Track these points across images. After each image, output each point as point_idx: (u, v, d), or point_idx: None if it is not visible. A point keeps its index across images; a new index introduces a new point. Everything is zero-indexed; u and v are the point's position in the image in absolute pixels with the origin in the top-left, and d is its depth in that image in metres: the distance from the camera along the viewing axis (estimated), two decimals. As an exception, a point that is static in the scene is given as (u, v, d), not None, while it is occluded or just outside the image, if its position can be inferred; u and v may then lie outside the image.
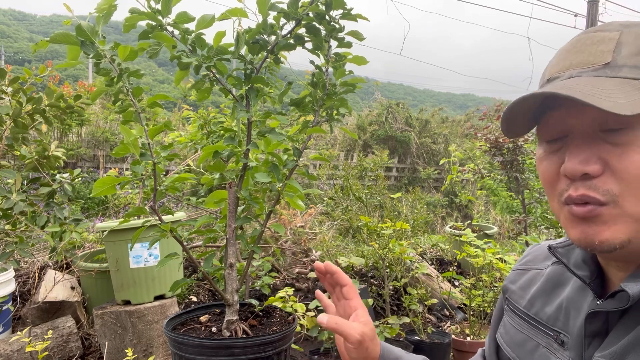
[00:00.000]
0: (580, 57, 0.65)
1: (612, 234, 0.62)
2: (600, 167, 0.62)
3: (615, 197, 0.61)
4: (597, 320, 0.68)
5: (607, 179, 0.61)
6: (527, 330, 0.82)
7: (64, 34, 0.84)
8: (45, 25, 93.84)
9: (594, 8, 5.01)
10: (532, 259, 0.91)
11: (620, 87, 0.60)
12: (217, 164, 1.06)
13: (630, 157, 0.60)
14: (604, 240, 0.62)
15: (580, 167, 0.62)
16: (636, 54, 0.62)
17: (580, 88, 0.60)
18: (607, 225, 0.62)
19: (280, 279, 4.08)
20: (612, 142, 0.62)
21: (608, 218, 0.62)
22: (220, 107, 3.87)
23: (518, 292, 0.88)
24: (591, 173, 0.62)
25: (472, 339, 3.43)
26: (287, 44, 0.98)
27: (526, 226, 5.32)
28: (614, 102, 0.57)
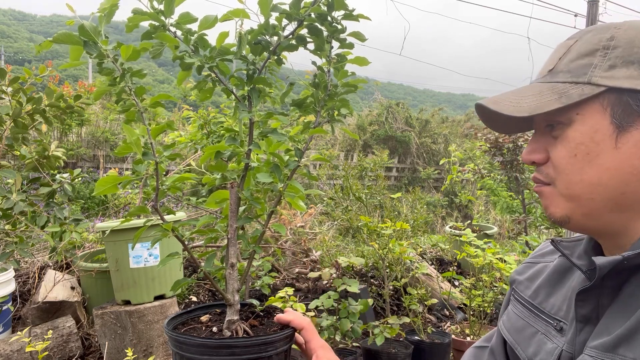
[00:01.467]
0: (545, 65, 0.76)
1: (554, 209, 0.74)
2: (544, 157, 0.74)
3: (553, 179, 0.73)
4: (586, 305, 0.70)
5: (549, 166, 0.73)
6: (528, 317, 0.85)
7: (66, 34, 0.84)
8: (45, 25, 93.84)
9: (594, 8, 5.02)
10: (542, 253, 0.95)
11: (541, 91, 0.70)
12: (218, 164, 1.06)
13: (557, 148, 0.71)
14: (550, 214, 0.75)
15: (527, 156, 0.76)
16: (574, 59, 0.70)
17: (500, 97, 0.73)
18: (550, 200, 0.74)
19: (280, 279, 4.08)
20: (553, 136, 0.73)
21: (548, 196, 0.74)
22: (220, 107, 3.87)
23: (524, 283, 0.91)
24: (535, 161, 0.75)
25: (472, 339, 3.43)
26: (289, 44, 0.98)
27: (526, 226, 5.32)
28: (517, 107, 0.69)
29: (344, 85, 1.11)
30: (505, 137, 5.12)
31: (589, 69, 0.67)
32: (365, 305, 3.04)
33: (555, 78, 0.71)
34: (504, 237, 7.38)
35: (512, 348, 0.86)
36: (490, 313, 3.55)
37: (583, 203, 0.69)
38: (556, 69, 0.72)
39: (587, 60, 0.68)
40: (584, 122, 0.68)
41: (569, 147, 0.69)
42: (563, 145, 0.70)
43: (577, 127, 0.68)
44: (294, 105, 1.12)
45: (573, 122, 0.69)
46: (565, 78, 0.69)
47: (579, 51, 0.70)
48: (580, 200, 0.69)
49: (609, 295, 0.68)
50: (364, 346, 3.21)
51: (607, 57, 0.66)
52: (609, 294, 0.68)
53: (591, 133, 0.67)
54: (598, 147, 0.67)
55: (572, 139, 0.69)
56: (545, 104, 0.67)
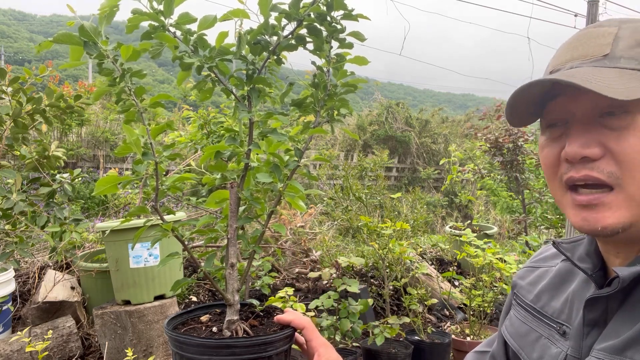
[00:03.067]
0: (580, 51, 0.68)
1: (615, 219, 0.64)
2: (599, 151, 0.64)
3: (620, 179, 0.63)
4: (596, 309, 0.69)
5: (608, 162, 0.64)
6: (531, 322, 0.85)
7: (66, 35, 0.84)
8: (45, 25, 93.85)
9: (594, 8, 5.02)
10: (543, 257, 0.94)
11: (618, 75, 0.63)
12: (218, 164, 1.06)
13: (627, 140, 0.63)
14: (606, 226, 0.64)
15: (580, 150, 0.65)
16: (633, 47, 0.65)
17: (580, 75, 0.63)
18: (612, 210, 0.64)
19: (280, 279, 4.08)
20: (610, 127, 0.64)
21: (612, 204, 0.64)
22: (220, 107, 3.87)
23: (526, 287, 0.90)
24: (590, 156, 0.65)
25: (472, 339, 3.43)
26: (288, 44, 0.98)
27: (526, 226, 5.32)
28: (612, 89, 0.60)
29: (344, 85, 1.11)
30: (505, 137, 5.11)
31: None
32: (365, 305, 3.04)
33: (617, 63, 0.65)
34: (504, 237, 7.38)
35: (515, 353, 0.86)
36: (490, 313, 3.55)
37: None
38: (614, 54, 0.65)
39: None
40: None
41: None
42: (637, 136, 0.62)
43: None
44: (293, 105, 1.12)
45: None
46: (632, 65, 0.64)
47: (634, 38, 0.65)
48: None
49: (618, 299, 0.68)
50: (364, 346, 3.21)
51: None
52: (618, 298, 0.68)
53: None
54: None
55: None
56: (635, 90, 0.61)
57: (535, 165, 5.31)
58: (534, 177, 5.44)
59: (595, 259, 0.75)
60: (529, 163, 5.28)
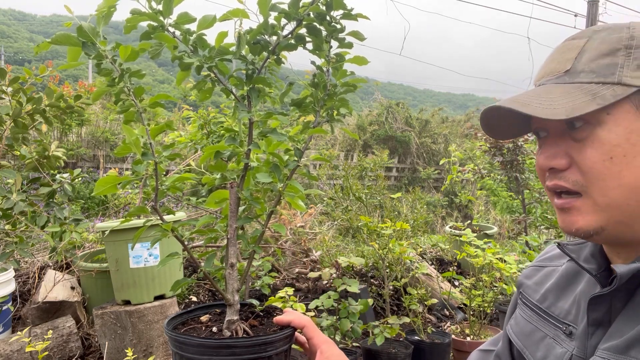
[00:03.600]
0: (551, 66, 0.72)
1: (585, 222, 0.68)
2: (566, 162, 0.69)
3: (584, 187, 0.67)
4: (599, 309, 0.70)
5: (574, 171, 0.68)
6: (537, 321, 0.85)
7: (65, 35, 0.84)
8: (45, 25, 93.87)
9: (594, 8, 5.02)
10: (549, 257, 0.94)
11: (569, 92, 0.66)
12: (218, 164, 1.06)
13: (586, 152, 0.66)
14: (578, 228, 0.69)
15: (547, 161, 0.70)
16: (594, 59, 0.67)
17: (524, 99, 0.67)
18: (581, 215, 0.68)
19: (280, 279, 4.08)
20: (575, 138, 0.68)
21: (580, 209, 0.68)
22: (220, 107, 3.87)
23: (532, 287, 0.91)
24: (556, 167, 0.69)
25: (472, 339, 3.43)
26: (288, 44, 0.98)
27: (526, 226, 5.32)
28: (552, 109, 0.64)
29: (343, 85, 1.11)
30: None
31: (616, 69, 0.65)
32: (365, 305, 3.04)
33: (576, 78, 0.67)
34: (504, 237, 7.38)
35: (520, 352, 0.86)
36: (490, 313, 3.55)
37: (620, 210, 0.66)
38: (575, 68, 0.68)
39: (610, 60, 0.66)
40: (617, 122, 0.65)
41: (602, 149, 0.65)
42: (595, 147, 0.65)
43: (611, 128, 0.65)
44: (293, 105, 1.12)
45: (604, 122, 0.65)
46: (590, 78, 0.66)
47: (598, 50, 0.67)
48: (617, 207, 0.66)
49: (622, 299, 0.68)
50: (364, 346, 3.21)
51: (632, 57, 0.65)
52: (622, 297, 0.68)
53: (626, 134, 0.64)
54: (634, 148, 0.64)
55: (607, 141, 0.65)
56: (581, 106, 0.63)
57: (535, 165, 5.31)
58: (534, 177, 5.44)
59: (600, 259, 0.76)
60: (529, 163, 5.27)
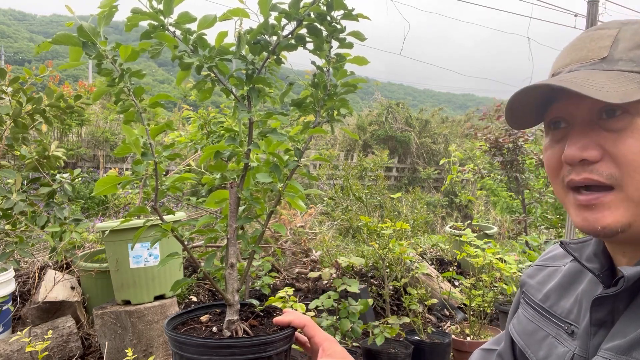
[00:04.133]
0: (580, 54, 0.70)
1: (614, 219, 0.65)
2: (598, 153, 0.65)
3: (619, 180, 0.64)
4: (602, 309, 0.69)
5: (608, 164, 0.65)
6: (539, 321, 0.85)
7: (65, 35, 0.84)
8: (45, 25, 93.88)
9: (594, 8, 5.01)
10: (552, 256, 0.94)
11: (614, 78, 0.63)
12: (218, 164, 1.06)
13: (625, 142, 0.63)
14: (605, 226, 0.65)
15: (578, 153, 0.66)
16: (632, 49, 0.66)
17: (574, 80, 0.64)
18: (610, 210, 0.65)
19: (280, 279, 4.08)
20: (608, 129, 0.65)
21: (612, 204, 0.65)
22: (220, 107, 3.87)
23: (535, 286, 0.90)
24: (589, 158, 0.65)
25: (472, 339, 3.43)
26: (288, 44, 0.98)
27: (526, 226, 5.32)
28: (605, 92, 0.60)
29: (344, 85, 1.11)
30: (505, 137, 5.11)
31: None
32: (365, 305, 3.04)
33: (615, 66, 0.66)
34: (504, 237, 7.38)
35: (522, 351, 0.86)
36: (490, 313, 3.55)
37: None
38: (612, 56, 0.66)
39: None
40: None
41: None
42: (636, 138, 0.63)
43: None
44: (293, 105, 1.12)
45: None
46: (630, 67, 0.65)
47: (634, 41, 0.66)
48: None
49: (624, 299, 0.68)
50: (364, 346, 3.21)
51: None
52: (625, 298, 0.68)
53: None
54: None
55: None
56: (631, 92, 0.61)
57: (535, 165, 5.32)
58: (534, 177, 5.44)
59: (602, 259, 0.75)
60: (529, 163, 5.27)
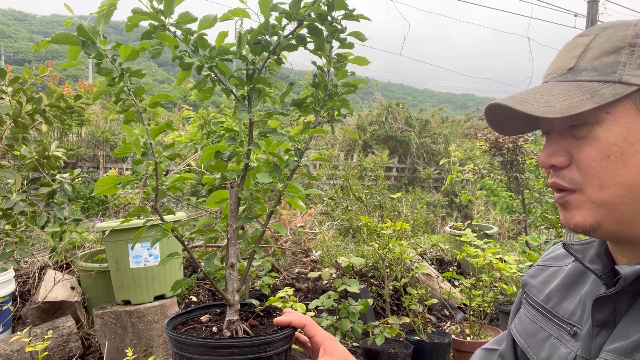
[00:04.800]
0: (557, 63, 0.73)
1: (581, 218, 0.69)
2: (565, 159, 0.70)
3: (580, 185, 0.68)
4: (604, 309, 0.69)
5: (572, 169, 0.69)
6: (541, 321, 0.84)
7: (64, 34, 0.84)
8: (45, 25, 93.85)
9: (594, 8, 5.01)
10: (554, 256, 0.93)
11: (569, 90, 0.66)
12: (218, 164, 1.06)
13: (584, 150, 0.67)
14: (576, 223, 0.70)
15: (546, 159, 0.71)
16: (597, 57, 0.67)
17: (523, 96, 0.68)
18: (577, 210, 0.69)
19: (280, 279, 4.08)
20: (576, 136, 0.69)
21: (576, 204, 0.69)
22: (221, 107, 3.87)
23: (537, 287, 0.90)
24: (556, 164, 0.70)
25: (472, 339, 3.43)
26: (289, 44, 0.98)
27: (526, 226, 5.32)
28: (548, 108, 0.64)
29: (344, 85, 1.11)
30: (505, 137, 5.11)
31: (618, 67, 0.64)
32: (365, 305, 3.04)
33: (578, 76, 0.67)
34: (504, 237, 7.39)
35: (523, 352, 0.85)
36: (490, 313, 3.55)
37: (616, 208, 0.66)
38: (577, 66, 0.68)
39: (613, 58, 0.65)
40: (616, 121, 0.64)
41: (600, 147, 0.65)
42: (593, 146, 0.66)
43: (609, 127, 0.65)
44: (293, 105, 1.12)
45: (602, 121, 0.65)
46: (591, 76, 0.66)
47: (601, 48, 0.66)
48: (613, 205, 0.66)
49: (627, 300, 0.68)
50: (364, 346, 3.21)
51: (635, 55, 0.64)
52: (628, 299, 0.68)
53: (625, 133, 0.64)
54: (632, 147, 0.64)
55: (604, 140, 0.65)
56: (578, 104, 0.63)
57: (535, 165, 5.32)
58: (534, 177, 5.44)
59: (605, 260, 0.75)
60: (529, 163, 5.28)
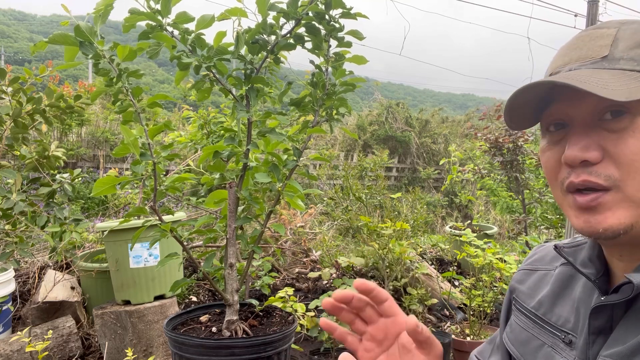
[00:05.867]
0: (579, 53, 0.68)
1: (615, 219, 0.63)
2: (599, 154, 0.63)
3: (617, 181, 0.62)
4: (601, 317, 0.68)
5: (607, 165, 0.63)
6: (533, 329, 0.82)
7: (62, 35, 0.84)
8: (45, 25, 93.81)
9: (594, 8, 5.01)
10: (539, 258, 0.91)
11: (617, 77, 0.62)
12: (217, 164, 1.06)
13: (625, 142, 0.62)
14: (607, 227, 0.63)
15: (580, 154, 0.64)
16: (632, 48, 0.65)
17: (579, 77, 0.62)
18: (611, 211, 0.63)
19: (280, 279, 4.08)
20: (609, 129, 0.64)
21: (610, 205, 0.63)
22: (220, 107, 3.87)
23: (526, 292, 0.87)
24: (590, 159, 0.64)
25: (472, 339, 3.43)
26: (286, 43, 0.98)
27: (526, 226, 5.32)
28: (610, 90, 0.59)
29: (343, 84, 1.11)
30: (505, 137, 5.11)
31: None
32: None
33: (617, 64, 0.64)
34: (504, 237, 7.38)
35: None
36: (490, 313, 3.54)
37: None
38: (612, 55, 0.65)
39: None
40: None
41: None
42: (636, 137, 0.62)
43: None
44: (292, 104, 1.12)
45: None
46: (631, 66, 0.63)
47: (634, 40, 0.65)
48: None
49: (622, 305, 0.67)
50: (364, 346, 3.20)
51: None
52: (623, 304, 0.66)
53: None
54: None
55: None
56: (635, 91, 0.60)
57: (535, 165, 5.31)
58: (534, 177, 5.44)
59: (598, 264, 0.73)
60: (529, 163, 5.27)
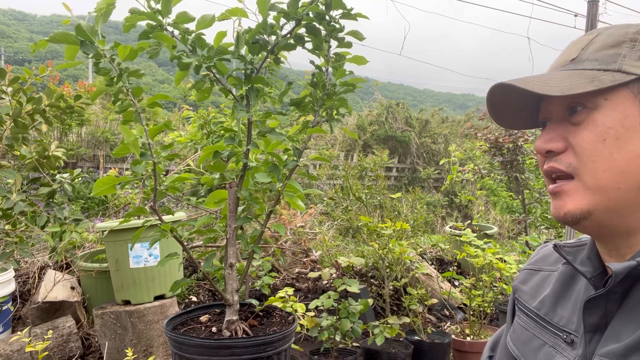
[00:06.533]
0: (561, 58, 0.75)
1: (573, 205, 0.69)
2: (562, 145, 0.71)
3: (577, 169, 0.69)
4: (595, 312, 0.69)
5: (569, 154, 0.70)
6: (534, 328, 0.83)
7: (63, 34, 0.84)
8: (45, 25, 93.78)
9: (594, 8, 5.01)
10: (542, 259, 0.92)
11: (571, 76, 0.68)
12: (217, 164, 1.06)
13: (581, 134, 0.68)
14: (567, 212, 0.70)
15: (543, 145, 0.72)
16: (600, 49, 0.70)
17: (528, 79, 0.70)
18: (570, 197, 0.69)
19: (280, 279, 4.08)
20: (573, 123, 0.70)
21: (572, 192, 0.69)
22: (221, 107, 3.87)
23: (529, 293, 0.88)
24: (553, 150, 0.71)
25: (472, 339, 3.43)
26: (287, 44, 0.97)
27: (526, 226, 5.32)
28: (548, 87, 0.67)
29: (343, 85, 1.11)
30: (505, 137, 5.11)
31: (618, 58, 0.67)
32: (365, 305, 3.04)
33: (580, 65, 0.70)
34: (504, 237, 7.38)
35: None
36: (490, 313, 3.54)
37: (609, 194, 0.67)
38: (580, 57, 0.71)
39: (614, 51, 0.68)
40: (613, 107, 0.67)
41: (596, 131, 0.67)
42: (589, 129, 0.67)
43: (606, 112, 0.67)
44: (292, 104, 1.12)
45: (600, 107, 0.67)
46: (592, 65, 0.69)
47: (604, 42, 0.70)
48: (606, 190, 0.67)
49: (616, 301, 0.67)
50: (364, 346, 3.21)
51: (635, 49, 0.67)
52: (617, 300, 0.67)
53: (621, 118, 0.66)
54: (628, 132, 0.65)
55: (601, 123, 0.67)
56: (577, 86, 0.66)
57: (535, 165, 5.31)
58: (534, 177, 5.44)
59: (595, 262, 0.74)
60: (529, 163, 5.27)
